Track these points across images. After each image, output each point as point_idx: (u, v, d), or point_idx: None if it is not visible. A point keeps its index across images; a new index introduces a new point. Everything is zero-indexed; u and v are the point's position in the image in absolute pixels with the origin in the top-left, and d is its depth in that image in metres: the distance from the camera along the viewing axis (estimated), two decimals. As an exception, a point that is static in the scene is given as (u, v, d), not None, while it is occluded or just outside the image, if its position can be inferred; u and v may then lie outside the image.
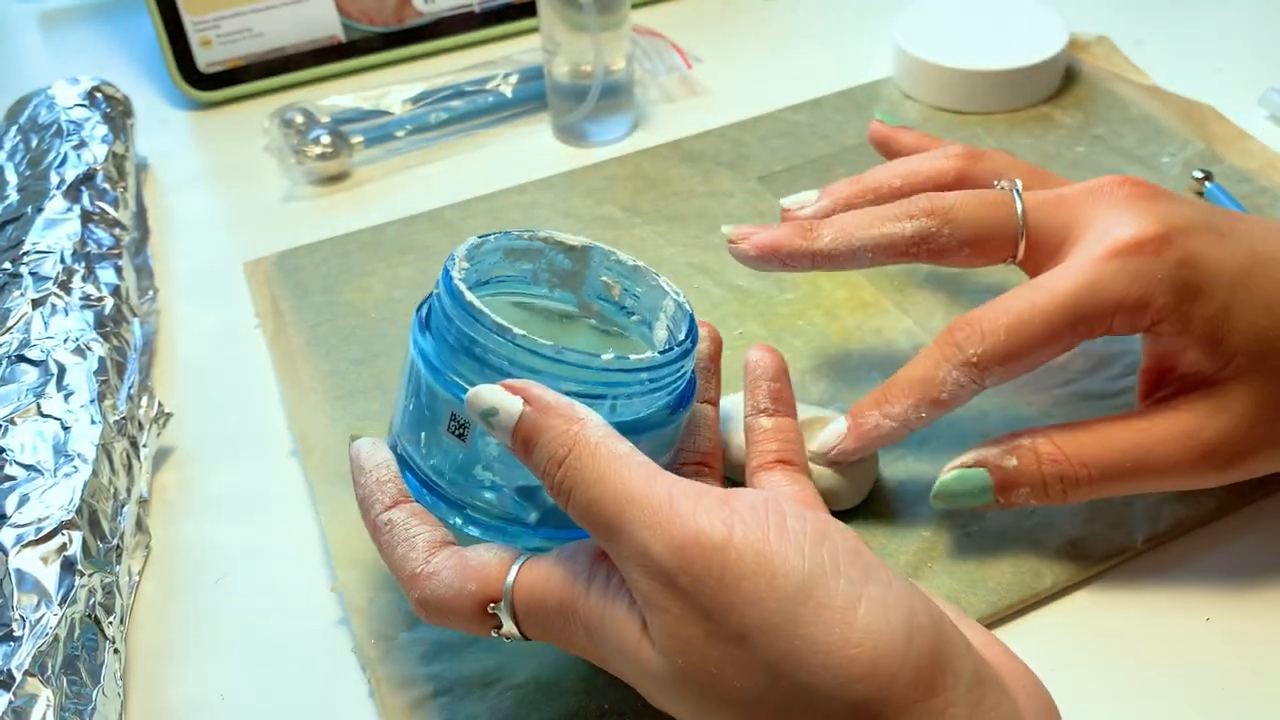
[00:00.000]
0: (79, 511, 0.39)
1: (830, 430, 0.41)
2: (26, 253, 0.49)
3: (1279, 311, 0.37)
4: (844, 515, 0.42)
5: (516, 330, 0.33)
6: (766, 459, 0.38)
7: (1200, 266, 0.37)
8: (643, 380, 0.34)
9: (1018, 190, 0.40)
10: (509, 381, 0.32)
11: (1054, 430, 0.39)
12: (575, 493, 0.30)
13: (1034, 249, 0.40)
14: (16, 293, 0.47)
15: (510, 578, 0.32)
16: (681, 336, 0.36)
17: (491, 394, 0.32)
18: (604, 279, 0.39)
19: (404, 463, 0.37)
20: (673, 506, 0.29)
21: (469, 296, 0.34)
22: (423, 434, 0.36)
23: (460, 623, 0.33)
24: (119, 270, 0.51)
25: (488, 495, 0.35)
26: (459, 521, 0.36)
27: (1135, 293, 0.37)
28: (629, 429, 0.33)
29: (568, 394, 0.32)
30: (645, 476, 0.30)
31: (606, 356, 0.33)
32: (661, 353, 0.34)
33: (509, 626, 0.32)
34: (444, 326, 0.35)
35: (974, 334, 0.38)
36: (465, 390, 0.33)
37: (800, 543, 0.28)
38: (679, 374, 0.35)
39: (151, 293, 0.54)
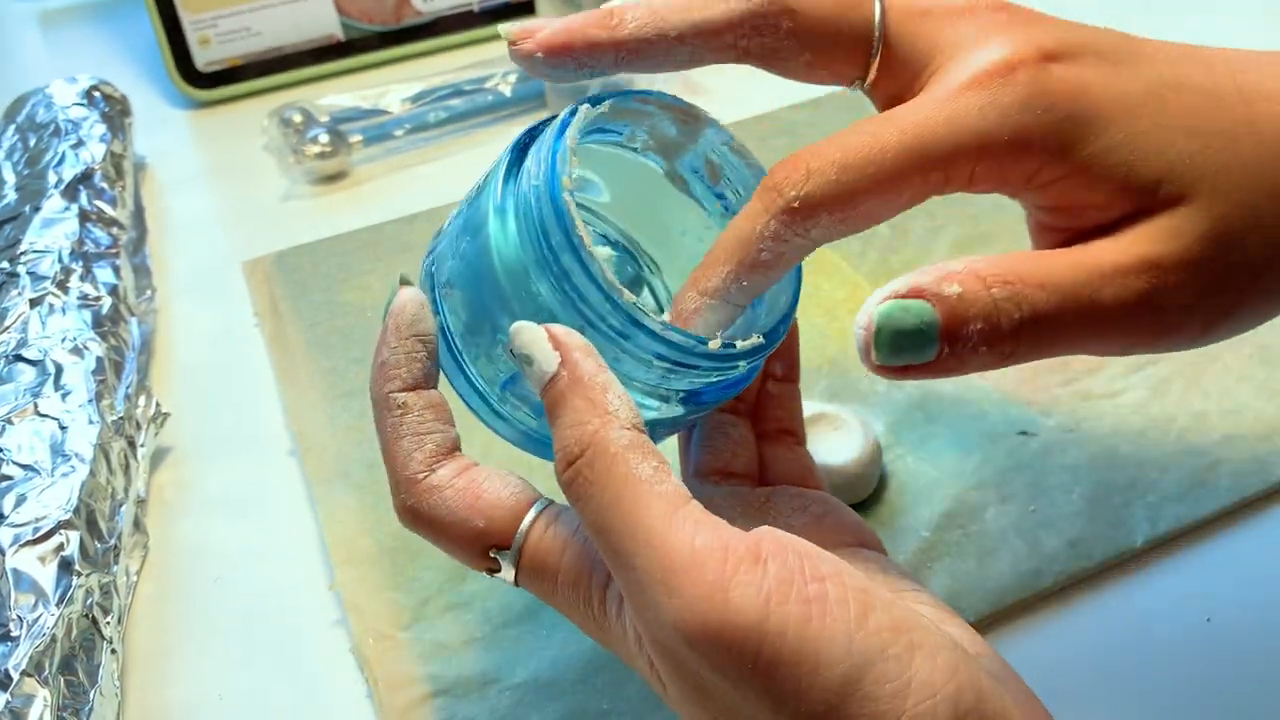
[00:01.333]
0: (76, 511, 0.39)
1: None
2: (24, 252, 0.49)
3: (1206, 130, 0.29)
4: (843, 515, 0.42)
5: (625, 294, 0.28)
6: (769, 426, 0.36)
7: (1087, 97, 0.29)
8: (738, 367, 0.30)
9: None
10: (554, 329, 0.28)
11: (986, 258, 0.29)
12: (582, 505, 0.26)
13: (888, 70, 0.32)
14: (14, 292, 0.47)
15: (525, 525, 0.29)
16: (784, 307, 0.31)
17: (533, 338, 0.28)
18: (711, 158, 0.34)
19: (443, 333, 0.31)
20: (698, 568, 0.24)
21: (580, 228, 0.28)
22: (475, 322, 0.31)
23: (448, 548, 0.30)
24: (117, 270, 0.51)
25: (529, 420, 0.32)
26: (495, 425, 0.32)
27: (1004, 130, 0.29)
28: (686, 400, 0.30)
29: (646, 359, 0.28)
30: (667, 513, 0.25)
31: (714, 345, 0.29)
32: (766, 335, 0.30)
33: (507, 575, 0.29)
34: (534, 237, 0.29)
35: (798, 173, 0.29)
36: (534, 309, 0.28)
37: (846, 619, 0.24)
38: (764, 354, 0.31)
39: (149, 292, 0.54)
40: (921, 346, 0.28)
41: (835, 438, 0.42)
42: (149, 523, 0.44)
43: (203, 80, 0.69)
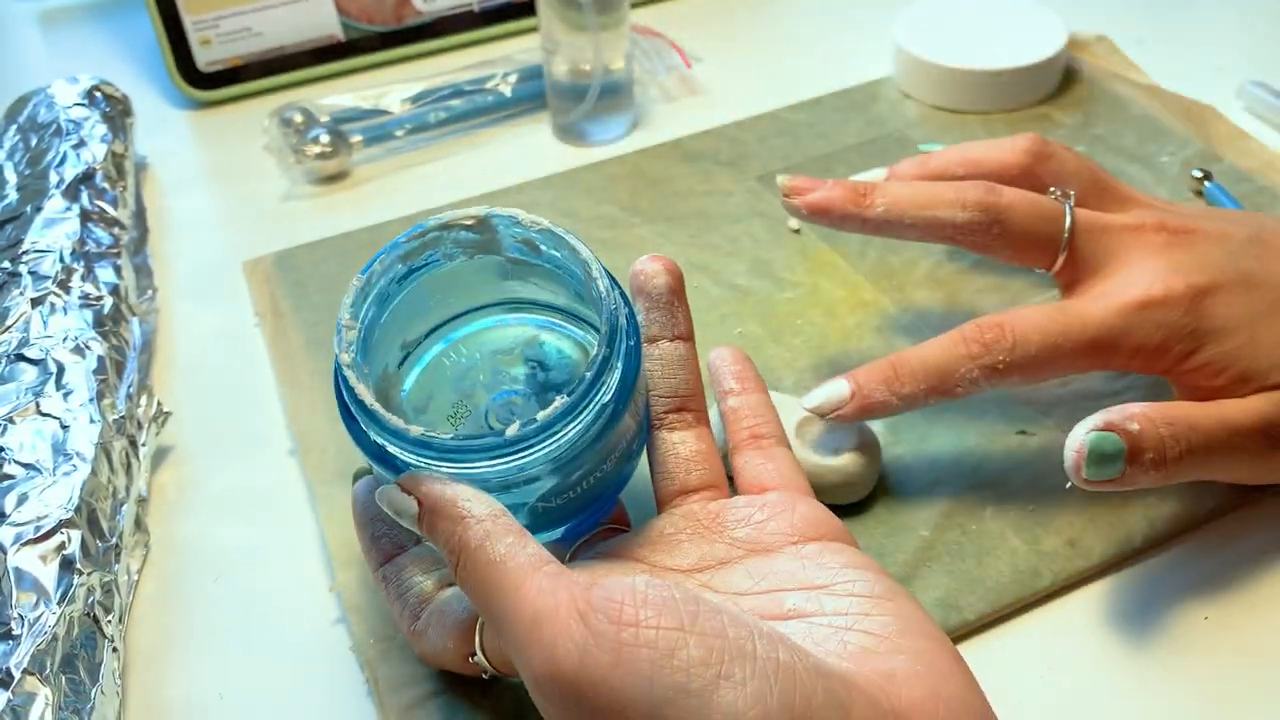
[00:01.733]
0: (78, 510, 0.39)
1: (832, 390, 0.40)
2: (26, 251, 0.49)
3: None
4: (846, 511, 0.42)
5: (412, 430, 0.31)
6: (739, 437, 0.38)
7: (1221, 315, 0.39)
8: (567, 425, 0.32)
9: (1070, 207, 0.42)
10: (401, 480, 0.32)
11: (1155, 405, 0.38)
12: (472, 597, 0.31)
13: (1070, 265, 0.42)
14: (15, 291, 0.47)
15: (478, 635, 0.34)
16: (602, 349, 0.33)
17: (390, 496, 0.32)
18: (517, 239, 0.36)
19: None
20: (538, 630, 0.28)
21: (361, 393, 0.32)
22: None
23: (457, 669, 0.36)
24: (118, 269, 0.51)
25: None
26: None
27: (1155, 340, 0.39)
28: (568, 451, 0.33)
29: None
30: (518, 585, 0.29)
31: (511, 431, 0.31)
32: (578, 385, 0.32)
33: (491, 670, 0.34)
34: (341, 410, 0.34)
35: (1006, 340, 0.39)
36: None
37: (652, 659, 0.27)
38: (607, 384, 0.33)
39: (150, 292, 0.54)
40: (1114, 464, 0.36)
41: (831, 437, 0.42)
42: (150, 522, 0.44)
43: (204, 80, 0.69)
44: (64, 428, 0.41)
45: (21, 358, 0.44)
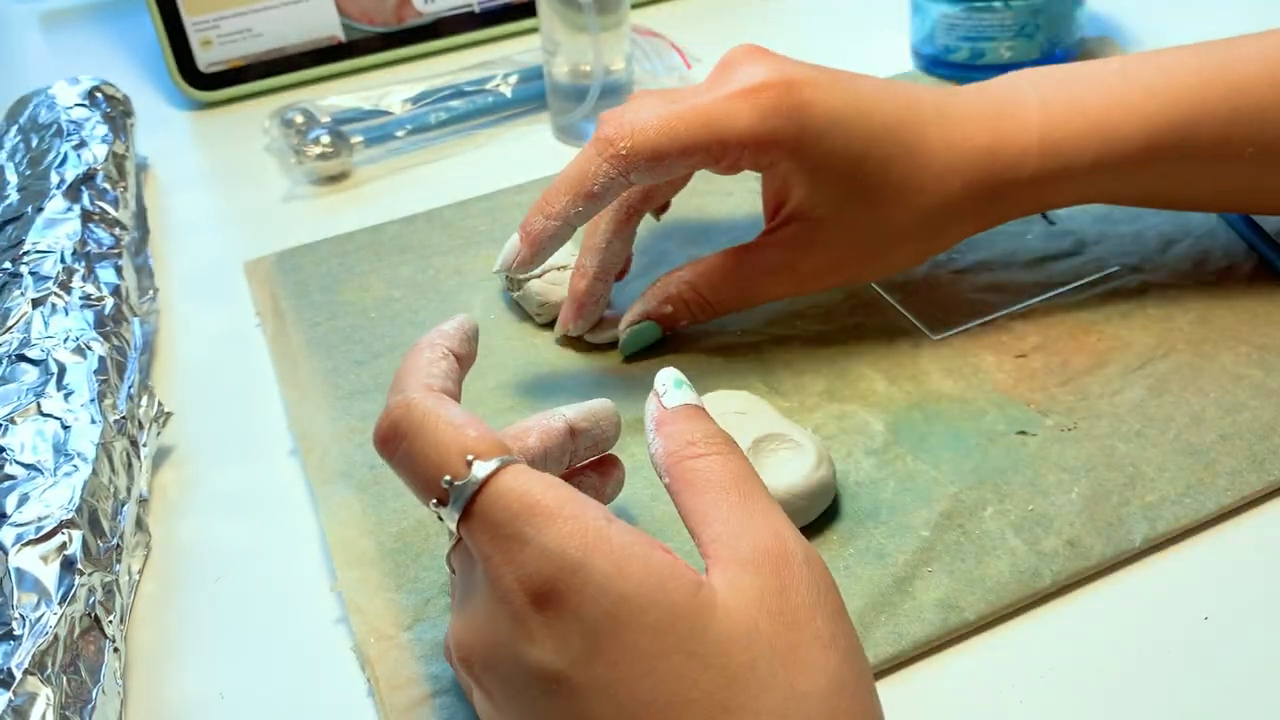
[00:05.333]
0: (79, 510, 0.39)
1: (507, 248, 0.46)
2: (27, 252, 0.49)
3: (858, 158, 0.45)
4: (844, 514, 0.42)
5: None
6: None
7: (813, 112, 0.44)
8: None
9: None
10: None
11: (690, 272, 0.48)
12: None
13: None
14: (16, 292, 0.47)
15: (493, 464, 0.29)
16: None
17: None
18: None
19: None
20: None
21: None
22: None
23: (423, 449, 0.30)
24: (119, 270, 0.51)
25: None
26: None
27: (763, 129, 0.43)
28: None
29: None
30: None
31: None
32: None
33: (464, 492, 0.29)
34: None
35: (624, 130, 0.43)
36: None
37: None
38: None
39: (151, 292, 0.54)
40: (650, 339, 0.49)
41: (783, 459, 0.41)
42: (151, 522, 0.44)
43: (204, 81, 0.69)
44: (65, 428, 0.42)
45: (23, 358, 0.44)
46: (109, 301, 0.48)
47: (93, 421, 0.42)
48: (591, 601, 0.28)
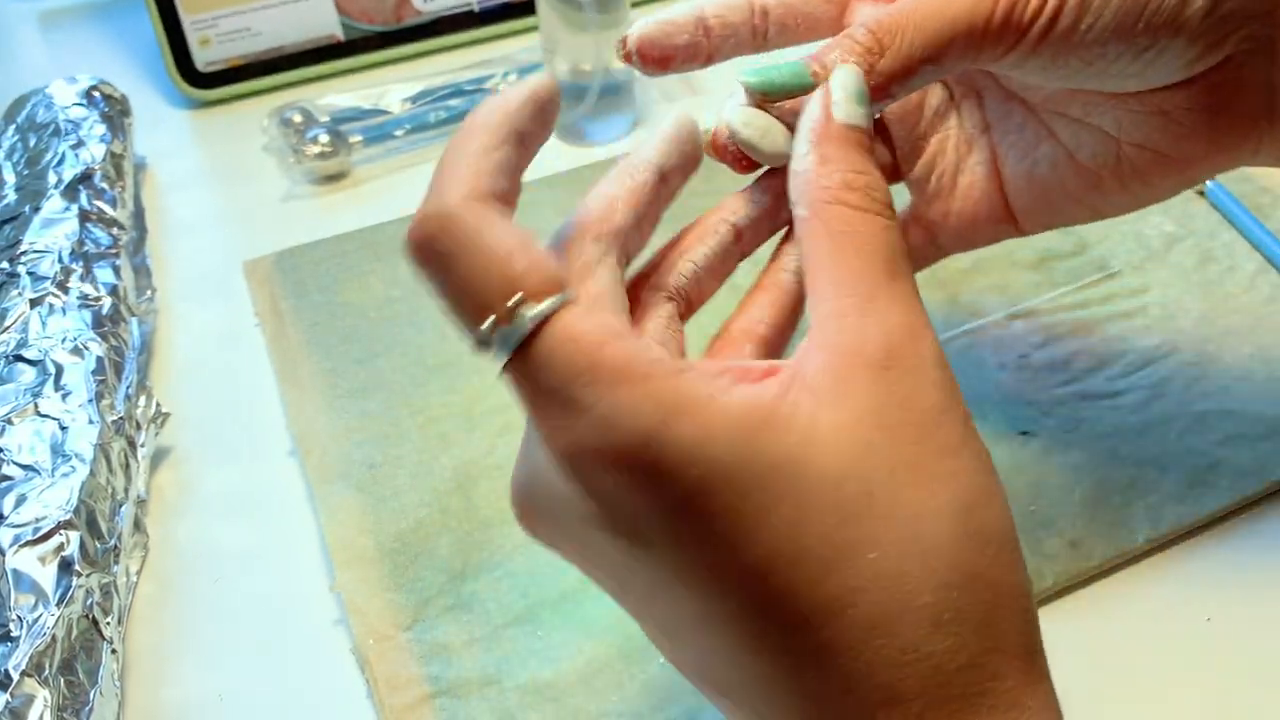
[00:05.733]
0: (77, 512, 0.39)
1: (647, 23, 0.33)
2: (24, 252, 0.49)
3: None
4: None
5: None
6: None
7: None
8: None
9: None
10: None
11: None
12: None
13: None
14: (14, 292, 0.47)
15: (543, 307, 0.24)
16: None
17: None
18: None
19: None
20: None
21: None
22: None
23: (465, 273, 0.25)
24: (117, 270, 0.51)
25: None
26: None
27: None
28: None
29: None
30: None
31: None
32: None
33: (515, 329, 0.24)
34: None
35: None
36: None
37: None
38: None
39: (150, 292, 0.54)
40: (795, 81, 0.30)
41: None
42: (149, 523, 0.44)
43: (203, 80, 0.69)
44: (63, 429, 0.41)
45: (20, 358, 0.44)
46: (107, 301, 0.48)
47: (90, 422, 0.42)
48: (673, 475, 0.24)
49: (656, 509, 0.24)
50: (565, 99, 0.62)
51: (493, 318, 0.24)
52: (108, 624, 0.38)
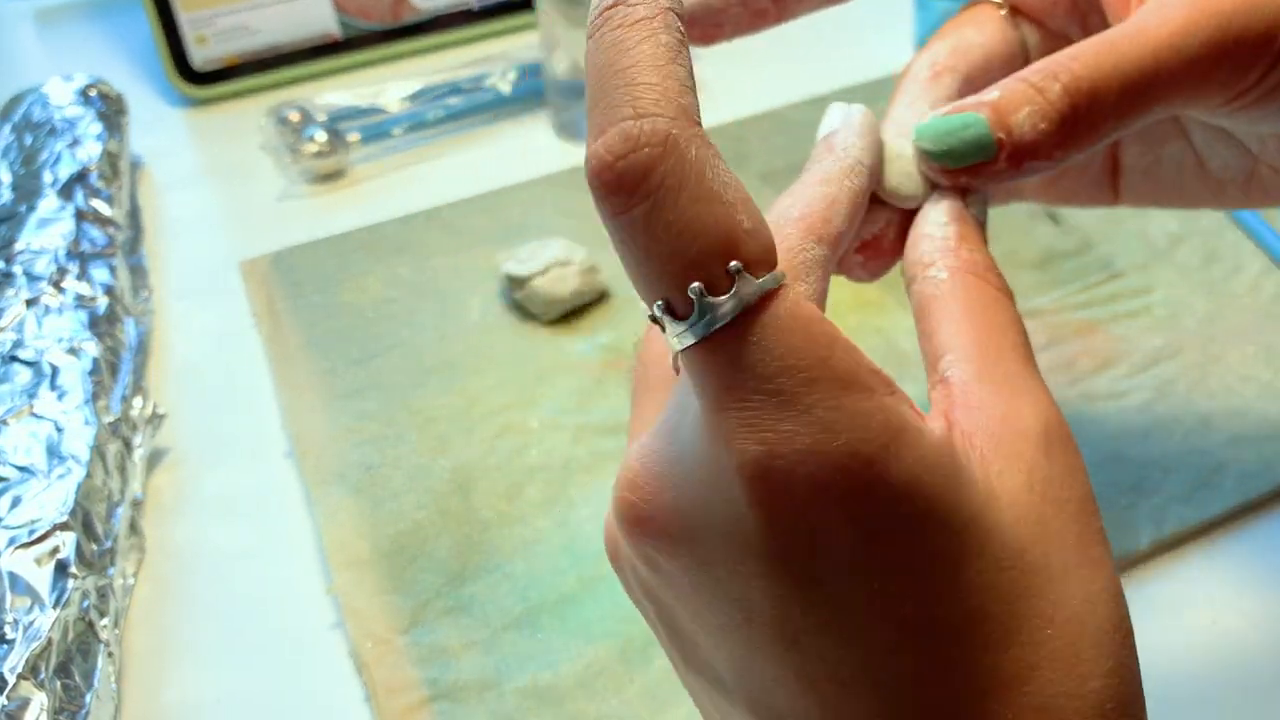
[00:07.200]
0: (73, 513, 0.38)
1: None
2: (20, 252, 0.49)
3: None
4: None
5: None
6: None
7: None
8: None
9: None
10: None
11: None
12: None
13: None
14: (10, 292, 0.47)
15: (766, 283, 0.21)
16: None
17: None
18: None
19: None
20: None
21: None
22: None
23: (675, 220, 0.20)
24: (113, 269, 0.50)
25: None
26: None
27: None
28: None
29: None
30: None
31: None
32: None
33: (678, 338, 0.21)
34: None
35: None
36: None
37: None
38: None
39: (146, 292, 0.54)
40: (972, 146, 0.27)
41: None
42: (145, 525, 0.44)
43: (200, 78, 0.68)
44: (58, 430, 0.41)
45: (15, 359, 0.44)
46: (103, 301, 0.48)
47: (86, 423, 0.42)
48: (886, 505, 0.21)
49: (851, 539, 0.21)
50: (565, 97, 0.62)
51: (698, 285, 0.20)
52: (104, 626, 0.37)
